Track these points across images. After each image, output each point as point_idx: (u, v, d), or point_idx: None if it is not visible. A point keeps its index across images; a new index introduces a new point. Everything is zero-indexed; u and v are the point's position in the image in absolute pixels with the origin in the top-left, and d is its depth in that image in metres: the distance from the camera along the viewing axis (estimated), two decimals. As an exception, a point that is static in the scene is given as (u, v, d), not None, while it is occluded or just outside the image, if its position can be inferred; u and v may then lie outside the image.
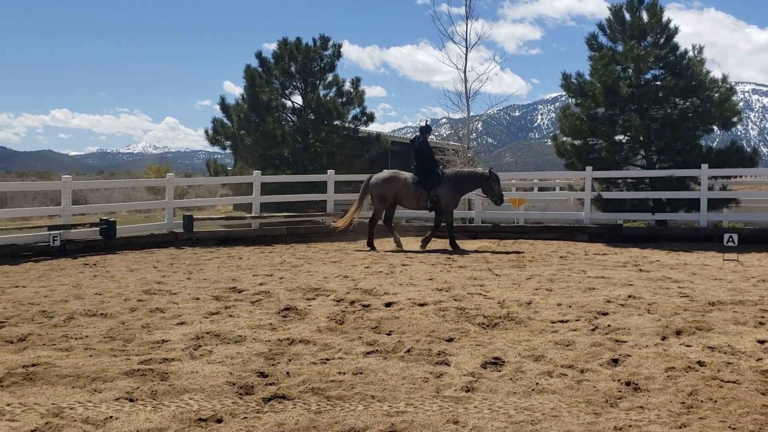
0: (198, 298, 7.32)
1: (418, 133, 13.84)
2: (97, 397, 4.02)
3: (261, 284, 8.35)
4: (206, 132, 21.08)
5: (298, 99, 21.42)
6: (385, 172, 14.00)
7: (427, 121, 14.29)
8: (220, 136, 20.84)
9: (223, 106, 21.07)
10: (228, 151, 21.74)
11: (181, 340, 5.39)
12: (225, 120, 20.94)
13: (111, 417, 3.69)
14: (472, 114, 22.59)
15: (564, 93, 17.62)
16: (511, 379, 4.35)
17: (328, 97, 20.84)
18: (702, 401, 3.87)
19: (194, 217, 14.79)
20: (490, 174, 13.13)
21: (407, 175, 13.56)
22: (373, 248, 13.16)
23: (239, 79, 21.13)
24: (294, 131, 20.77)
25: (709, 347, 5.01)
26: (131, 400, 3.98)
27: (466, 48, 21.98)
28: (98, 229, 13.12)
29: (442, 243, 13.71)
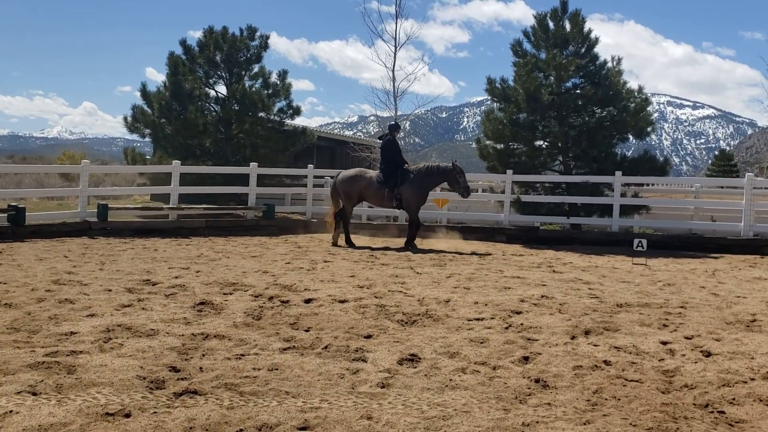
0: (110, 290, 7.08)
1: (387, 131, 13.74)
2: (-4, 391, 3.83)
3: (176, 277, 8.16)
4: (125, 119, 20.40)
5: (222, 89, 21.03)
6: (352, 171, 13.97)
7: (395, 120, 14.27)
8: (139, 123, 20.21)
9: (144, 93, 20.44)
10: (147, 139, 21.12)
11: (91, 333, 5.20)
12: (145, 107, 20.33)
13: (11, 411, 3.52)
14: (399, 113, 22.76)
15: (489, 97, 17.98)
16: (426, 375, 4.41)
17: (254, 89, 20.54)
18: (606, 399, 4.03)
19: (109, 206, 14.31)
20: (453, 167, 13.07)
21: (373, 173, 13.51)
22: (352, 245, 13.08)
23: (162, 66, 20.62)
24: (217, 121, 20.38)
25: (615, 347, 5.22)
26: (34, 394, 3.82)
27: (395, 47, 22.15)
28: (6, 215, 12.51)
29: (367, 241, 13.76)
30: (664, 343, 5.40)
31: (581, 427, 3.55)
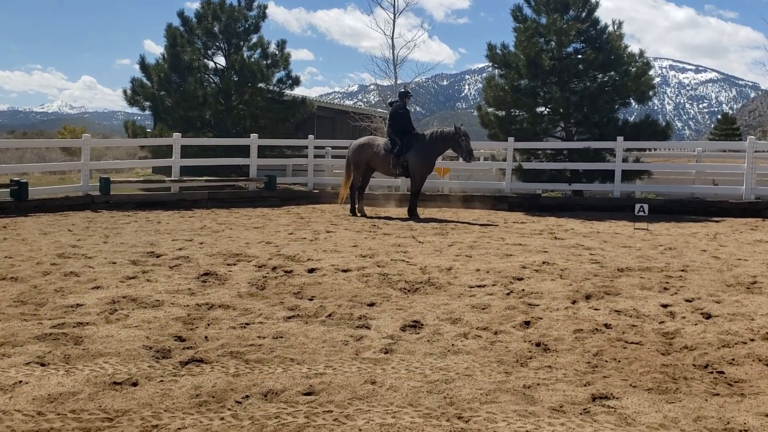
0: (114, 263, 7.13)
1: (399, 96, 13.65)
2: (6, 362, 3.89)
3: (180, 249, 8.21)
4: (125, 92, 20.32)
5: (221, 60, 20.89)
6: (362, 139, 13.96)
7: (405, 86, 14.18)
8: (139, 96, 20.12)
9: (143, 65, 20.33)
10: (147, 112, 21.03)
11: (97, 305, 5.26)
12: (145, 80, 20.22)
13: (20, 381, 3.58)
14: (399, 81, 22.64)
15: (490, 64, 17.85)
16: (428, 341, 4.47)
17: (253, 59, 20.39)
18: (606, 361, 4.08)
19: (111, 179, 14.34)
20: (456, 131, 12.85)
21: (381, 141, 13.45)
22: (354, 214, 13.13)
23: (160, 38, 20.46)
24: (216, 93, 20.28)
25: (616, 311, 5.26)
26: (42, 365, 3.88)
27: (394, 14, 22.01)
28: (8, 190, 12.54)
29: (369, 211, 13.79)
30: (665, 306, 5.44)
31: (582, 389, 3.60)
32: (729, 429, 3.10)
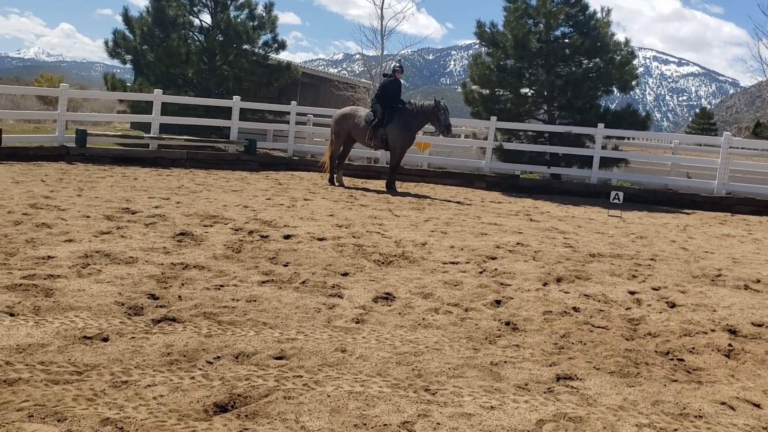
0: (88, 216, 7.07)
1: (391, 71, 13.50)
2: (-25, 310, 3.87)
3: (156, 207, 8.15)
4: (106, 43, 19.89)
5: (206, 18, 20.54)
6: (345, 109, 13.84)
7: (400, 60, 14.06)
8: (120, 49, 19.73)
9: (126, 17, 19.91)
10: (128, 66, 20.65)
11: (69, 258, 5.22)
12: (127, 33, 19.82)
13: (-11, 330, 3.57)
14: (386, 53, 22.51)
15: (477, 41, 17.78)
16: (399, 313, 4.52)
17: (239, 20, 20.08)
18: (573, 343, 4.17)
19: (88, 132, 14.11)
20: (436, 104, 12.75)
21: (364, 112, 13.35)
22: (332, 184, 13.08)
23: (145, -10, 20.01)
24: (200, 51, 19.96)
25: (585, 295, 5.37)
26: (12, 315, 3.86)
27: (385, -16, 21.68)
28: (-19, 136, 12.30)
29: (347, 182, 13.78)
30: (632, 293, 5.56)
31: (547, 368, 3.69)
32: (685, 414, 3.21)
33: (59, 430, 2.61)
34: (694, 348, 4.20)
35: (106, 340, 3.63)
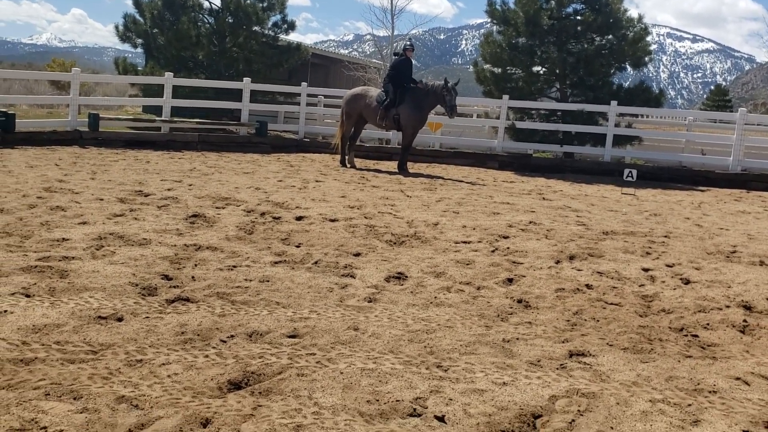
0: (102, 199, 7.11)
1: (401, 50, 13.39)
2: (-8, 292, 3.91)
3: (169, 189, 8.19)
4: (117, 28, 19.89)
5: (216, 0, 20.46)
6: (356, 89, 13.74)
7: (410, 39, 13.93)
8: (131, 33, 19.70)
9: (136, 1, 19.84)
10: (139, 50, 20.66)
11: (83, 240, 5.26)
12: (137, 16, 19.78)
13: (5, 311, 3.61)
14: (396, 33, 22.34)
15: (489, 20, 17.61)
16: (411, 292, 4.53)
17: (248, 1, 19.98)
18: (585, 320, 4.16)
19: (101, 116, 14.15)
20: (444, 86, 12.63)
21: (375, 92, 13.28)
22: (344, 165, 13.06)
23: (154, -27, 19.91)
24: (210, 34, 19.91)
25: (598, 272, 5.34)
26: (28, 296, 3.90)
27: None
28: (-5, 122, 12.37)
29: (359, 163, 13.76)
30: (646, 270, 5.53)
31: (559, 345, 3.69)
32: (699, 389, 3.19)
33: (75, 407, 2.65)
34: (708, 324, 4.18)
35: (120, 320, 3.66)
